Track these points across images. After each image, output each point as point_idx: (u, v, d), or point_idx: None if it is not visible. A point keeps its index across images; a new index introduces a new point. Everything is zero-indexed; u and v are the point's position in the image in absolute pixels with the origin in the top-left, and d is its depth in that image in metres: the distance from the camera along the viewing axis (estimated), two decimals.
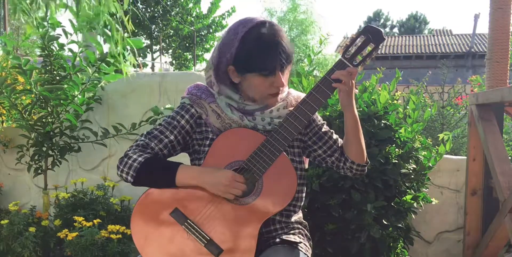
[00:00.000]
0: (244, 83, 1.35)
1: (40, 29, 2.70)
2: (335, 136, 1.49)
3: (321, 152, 1.47)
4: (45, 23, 2.72)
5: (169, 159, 1.42)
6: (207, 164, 1.36)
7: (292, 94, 1.46)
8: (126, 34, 2.78)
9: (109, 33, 2.66)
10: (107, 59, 2.73)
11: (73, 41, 2.78)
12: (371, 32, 1.31)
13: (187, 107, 1.41)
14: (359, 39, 1.32)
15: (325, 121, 1.52)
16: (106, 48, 2.82)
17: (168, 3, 15.26)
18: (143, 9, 15.41)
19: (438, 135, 3.45)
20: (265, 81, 1.32)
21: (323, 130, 1.47)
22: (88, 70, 2.75)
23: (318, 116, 1.49)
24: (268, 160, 1.32)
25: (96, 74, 2.82)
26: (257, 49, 1.29)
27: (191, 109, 1.41)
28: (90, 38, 2.80)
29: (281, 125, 1.33)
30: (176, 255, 1.32)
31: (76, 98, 2.81)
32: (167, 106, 2.74)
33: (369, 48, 1.32)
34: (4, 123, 3.41)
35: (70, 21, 2.78)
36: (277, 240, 1.40)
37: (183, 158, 1.46)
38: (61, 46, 2.80)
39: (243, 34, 1.31)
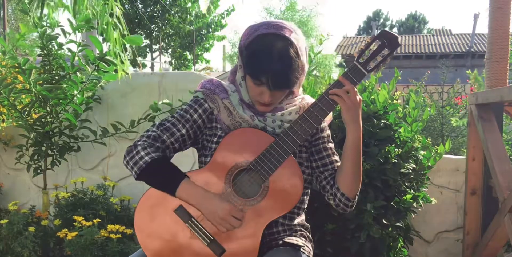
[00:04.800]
0: (247, 81, 1.36)
1: (39, 29, 2.69)
2: (335, 158, 1.44)
3: (314, 166, 1.43)
4: (44, 23, 2.72)
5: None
6: (215, 162, 1.35)
7: (306, 100, 1.44)
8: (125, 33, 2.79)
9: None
10: (107, 57, 2.72)
11: (71, 41, 2.78)
12: (387, 37, 1.29)
13: (200, 101, 1.40)
14: (374, 43, 1.29)
15: (332, 142, 1.48)
16: (105, 47, 2.82)
17: (167, 2, 15.25)
18: (142, 9, 15.40)
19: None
20: (256, 88, 1.31)
21: (326, 145, 1.43)
22: (87, 69, 2.75)
23: (328, 131, 1.47)
24: (276, 162, 1.30)
25: (96, 73, 2.82)
26: (255, 58, 1.28)
27: (204, 104, 1.39)
28: (90, 37, 2.80)
29: (290, 128, 1.31)
30: (178, 253, 1.32)
31: (75, 98, 2.81)
32: (164, 101, 2.74)
33: (383, 53, 1.29)
34: (4, 123, 3.40)
35: (69, 20, 2.78)
36: (280, 242, 1.39)
37: (184, 157, 1.45)
38: (60, 45, 2.80)
39: (254, 36, 1.30)
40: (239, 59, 1.37)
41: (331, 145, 1.45)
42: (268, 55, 1.26)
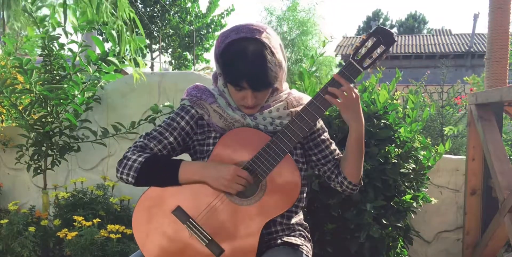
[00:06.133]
0: (228, 88, 1.37)
1: (41, 29, 2.70)
2: (333, 147, 1.47)
3: (314, 159, 1.46)
4: (46, 23, 2.73)
5: None
6: (212, 162, 1.35)
7: (292, 94, 1.44)
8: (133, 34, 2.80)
9: (115, 34, 2.67)
10: (108, 58, 2.72)
11: (73, 41, 2.78)
12: (382, 34, 1.29)
13: (187, 108, 1.40)
14: (369, 41, 1.29)
15: (326, 130, 1.49)
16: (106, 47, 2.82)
17: (167, 2, 15.26)
18: (142, 9, 15.41)
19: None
20: (238, 93, 1.32)
21: (322, 137, 1.45)
22: (89, 70, 2.76)
23: (320, 122, 1.47)
24: (273, 161, 1.30)
25: (97, 74, 2.82)
26: (231, 65, 1.28)
27: (191, 110, 1.39)
28: (92, 37, 2.80)
29: (287, 126, 1.31)
30: (177, 254, 1.32)
31: (76, 98, 2.82)
32: (166, 103, 2.74)
33: (379, 50, 1.29)
34: (3, 123, 3.41)
35: (72, 21, 2.79)
36: (278, 241, 1.39)
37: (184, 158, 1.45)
38: (61, 46, 2.80)
39: (226, 44, 1.29)
40: (216, 67, 1.37)
41: (326, 135, 1.47)
42: (243, 60, 1.25)
